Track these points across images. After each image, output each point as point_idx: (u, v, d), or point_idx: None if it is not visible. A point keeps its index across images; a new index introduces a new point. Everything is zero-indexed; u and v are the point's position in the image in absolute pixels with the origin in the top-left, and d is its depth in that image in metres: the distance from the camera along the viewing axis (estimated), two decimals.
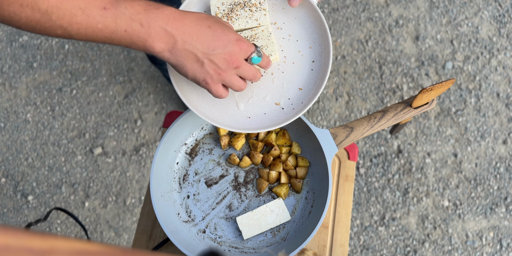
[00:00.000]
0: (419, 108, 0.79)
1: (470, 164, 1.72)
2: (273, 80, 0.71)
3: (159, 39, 0.54)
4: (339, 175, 0.87)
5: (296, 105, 0.70)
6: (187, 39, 0.55)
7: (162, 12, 0.54)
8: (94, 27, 0.52)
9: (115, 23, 0.52)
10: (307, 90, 0.71)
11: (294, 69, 0.71)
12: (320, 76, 0.70)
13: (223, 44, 0.57)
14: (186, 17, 0.56)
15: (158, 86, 1.82)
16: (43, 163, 1.74)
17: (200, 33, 0.56)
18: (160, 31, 0.54)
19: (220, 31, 0.57)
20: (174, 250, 0.79)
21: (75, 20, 0.51)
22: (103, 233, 1.66)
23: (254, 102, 0.71)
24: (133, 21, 0.53)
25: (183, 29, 0.55)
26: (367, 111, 1.77)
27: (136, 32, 0.53)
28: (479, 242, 1.64)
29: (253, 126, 0.70)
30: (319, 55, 0.71)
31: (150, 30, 0.53)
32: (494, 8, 1.91)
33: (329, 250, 0.81)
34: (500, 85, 1.81)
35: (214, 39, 0.57)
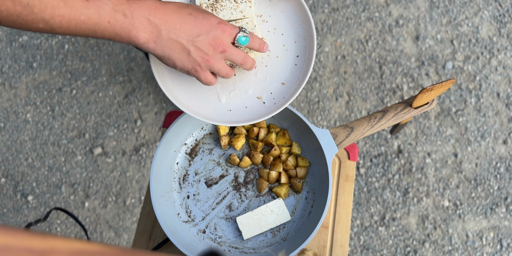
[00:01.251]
0: (419, 108, 0.79)
1: (470, 164, 1.72)
2: (256, 73, 0.71)
3: (143, 30, 0.54)
4: (339, 175, 0.87)
5: (278, 100, 0.70)
6: (171, 28, 0.55)
7: (144, 2, 0.54)
8: (77, 19, 0.51)
9: (98, 14, 0.52)
10: (289, 85, 0.70)
11: (278, 63, 0.70)
12: (303, 71, 0.69)
13: (206, 29, 0.57)
14: (167, 6, 0.56)
15: (158, 86, 1.82)
16: (43, 163, 1.74)
17: (182, 21, 0.56)
18: (143, 21, 0.54)
19: (202, 16, 0.58)
20: (174, 250, 0.79)
21: (57, 12, 0.50)
22: (103, 233, 1.66)
23: (236, 95, 0.71)
24: (116, 12, 0.52)
25: (165, 18, 0.55)
26: (367, 111, 1.77)
27: (120, 23, 0.53)
28: (479, 242, 1.64)
29: (233, 119, 0.70)
30: (304, 50, 0.70)
31: (133, 20, 0.53)
32: (494, 8, 1.91)
33: (329, 250, 0.81)
34: (500, 85, 1.81)
35: (196, 25, 0.57)
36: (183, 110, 0.68)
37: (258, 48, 0.65)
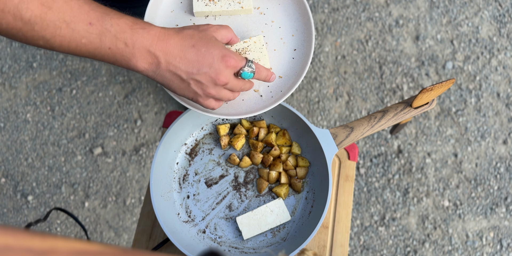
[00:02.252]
0: (419, 108, 0.79)
1: (470, 164, 1.72)
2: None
3: (142, 60, 0.53)
4: (339, 175, 0.87)
5: (275, 93, 0.70)
6: (170, 60, 0.54)
7: (148, 32, 0.53)
8: (77, 42, 0.51)
9: (99, 39, 0.51)
10: (287, 79, 0.70)
11: (275, 57, 0.70)
12: (301, 65, 0.69)
13: (208, 63, 0.55)
14: (170, 37, 0.54)
15: (158, 86, 1.82)
16: (43, 163, 1.74)
17: (183, 53, 0.54)
18: (144, 52, 0.53)
19: (205, 49, 0.55)
20: (174, 250, 0.79)
21: (58, 32, 0.49)
22: (103, 233, 1.66)
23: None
24: (118, 40, 0.51)
25: (167, 50, 0.54)
26: (367, 111, 1.77)
27: (120, 51, 0.52)
28: (479, 242, 1.64)
29: (230, 111, 0.69)
30: (301, 43, 0.70)
31: (134, 50, 0.52)
32: (494, 8, 1.91)
33: (329, 250, 0.81)
34: (500, 85, 1.81)
35: (198, 59, 0.55)
36: (180, 102, 0.68)
37: (264, 79, 0.64)
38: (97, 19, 0.50)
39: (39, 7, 0.47)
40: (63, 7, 0.48)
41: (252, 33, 0.70)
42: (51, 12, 0.48)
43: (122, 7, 0.92)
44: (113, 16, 0.52)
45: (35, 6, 0.47)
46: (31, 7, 0.47)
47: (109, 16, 0.51)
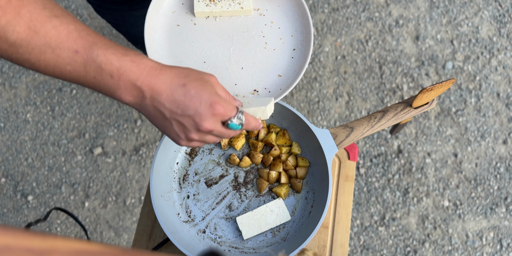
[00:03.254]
0: (419, 108, 0.79)
1: (470, 164, 1.72)
2: (255, 64, 0.71)
3: (127, 93, 0.51)
4: (339, 175, 0.87)
5: (274, 92, 0.71)
6: (155, 96, 0.51)
7: (137, 65, 0.50)
8: (62, 68, 0.49)
9: (84, 68, 0.49)
10: (286, 77, 0.71)
11: (275, 56, 0.71)
12: (300, 64, 0.71)
13: (194, 107, 0.52)
14: (162, 72, 0.52)
15: None
16: (43, 163, 1.74)
17: (171, 92, 0.51)
18: (129, 85, 0.50)
19: (194, 91, 0.52)
20: (174, 250, 0.79)
21: (43, 57, 0.48)
22: (103, 233, 1.66)
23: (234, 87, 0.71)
24: (103, 71, 0.49)
25: (154, 86, 0.51)
26: (367, 111, 1.77)
27: (105, 82, 0.50)
28: (479, 242, 1.64)
29: None
30: (301, 43, 0.72)
31: (119, 82, 0.50)
32: (494, 8, 1.91)
33: (329, 250, 0.81)
34: (500, 85, 1.81)
35: (184, 101, 0.52)
36: None
37: (251, 129, 0.62)
38: (84, 47, 0.49)
39: (25, 31, 0.46)
40: (50, 32, 0.47)
41: (252, 33, 0.71)
42: (37, 36, 0.47)
43: (123, 10, 0.92)
44: (102, 45, 0.49)
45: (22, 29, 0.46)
46: (17, 29, 0.46)
47: (97, 45, 0.49)
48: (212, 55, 0.71)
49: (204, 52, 0.71)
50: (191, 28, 0.71)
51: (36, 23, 0.47)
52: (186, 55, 0.70)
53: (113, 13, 0.94)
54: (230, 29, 0.71)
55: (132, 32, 1.04)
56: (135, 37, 1.09)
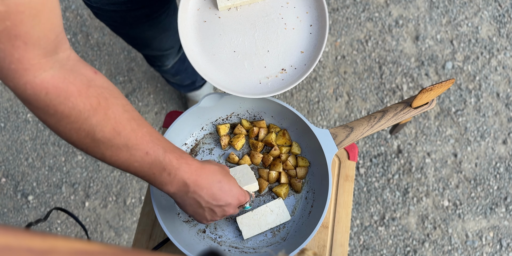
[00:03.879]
0: (419, 108, 0.79)
1: (470, 164, 1.72)
2: (278, 45, 0.76)
3: (177, 187, 0.61)
4: (339, 175, 0.87)
5: (300, 68, 0.76)
6: (197, 191, 0.62)
7: (189, 167, 0.60)
8: (130, 164, 0.57)
9: (149, 166, 0.57)
10: (308, 53, 0.76)
11: (295, 34, 0.76)
12: (319, 38, 0.76)
13: (226, 199, 0.65)
14: (204, 171, 0.62)
15: (158, 86, 1.82)
16: (43, 163, 1.74)
17: (210, 186, 0.63)
18: (180, 182, 0.60)
19: (228, 187, 0.65)
20: (174, 250, 0.79)
21: (118, 153, 0.55)
22: (103, 233, 1.66)
23: (263, 70, 0.76)
24: (164, 170, 0.58)
25: (198, 183, 0.61)
26: (367, 111, 1.78)
27: (162, 178, 0.59)
28: (479, 242, 1.64)
29: (264, 90, 0.75)
30: (316, 19, 0.77)
31: (174, 179, 0.60)
32: (494, 8, 1.91)
33: (329, 250, 0.81)
34: (500, 85, 1.82)
35: (220, 194, 0.64)
36: (223, 89, 0.74)
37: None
38: (153, 149, 0.57)
39: (110, 131, 0.53)
40: (129, 135, 0.55)
41: (271, 17, 0.76)
42: (119, 137, 0.54)
43: (122, 10, 0.92)
44: (167, 149, 0.59)
45: (107, 129, 0.53)
46: (104, 129, 0.53)
47: (163, 149, 0.58)
48: (240, 44, 0.76)
49: (232, 42, 0.76)
50: (216, 22, 0.76)
51: (119, 126, 0.54)
52: (217, 48, 0.76)
53: (112, 15, 0.94)
54: (251, 17, 0.76)
55: (132, 33, 1.04)
56: (135, 39, 1.09)
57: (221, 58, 0.76)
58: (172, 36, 1.13)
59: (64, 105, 0.50)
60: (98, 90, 0.53)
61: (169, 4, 0.99)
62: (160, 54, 1.22)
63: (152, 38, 1.08)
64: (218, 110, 0.84)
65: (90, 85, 0.52)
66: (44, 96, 0.49)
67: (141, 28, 1.01)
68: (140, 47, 1.16)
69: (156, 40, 1.11)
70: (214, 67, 0.76)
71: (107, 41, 1.88)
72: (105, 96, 0.53)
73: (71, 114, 0.51)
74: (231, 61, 0.76)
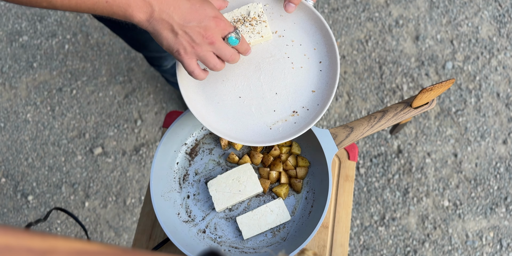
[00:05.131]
0: (419, 108, 0.79)
1: (470, 164, 1.72)
2: (286, 86, 0.72)
3: (138, 9, 0.56)
4: (339, 175, 0.87)
5: (313, 108, 0.71)
6: (164, 9, 0.57)
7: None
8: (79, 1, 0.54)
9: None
10: (320, 91, 0.71)
11: (303, 73, 0.71)
12: (331, 74, 0.71)
13: (199, 18, 0.58)
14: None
15: (158, 86, 1.82)
16: (43, 163, 1.74)
17: (177, 4, 0.57)
18: (139, 1, 0.55)
19: (199, 5, 0.59)
20: (174, 250, 0.79)
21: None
22: (103, 233, 1.66)
23: (272, 114, 0.72)
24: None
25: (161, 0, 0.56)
26: (367, 111, 1.78)
27: (117, 3, 0.55)
28: (479, 242, 1.64)
29: (276, 137, 0.71)
30: (325, 55, 0.71)
31: (129, 1, 0.55)
32: (494, 8, 1.91)
33: (329, 250, 0.81)
34: (500, 85, 1.82)
35: (190, 12, 0.58)
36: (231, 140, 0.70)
37: (243, 51, 0.66)
38: None
39: None
40: None
41: (277, 57, 0.72)
42: None
43: None
44: None
45: None
46: None
47: None
48: (245, 89, 0.72)
49: (237, 88, 0.72)
50: None
51: None
52: (221, 95, 0.72)
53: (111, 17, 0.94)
54: (255, 59, 0.72)
55: (129, 35, 1.04)
56: (133, 40, 1.09)
57: (226, 106, 0.72)
58: None
59: None
60: None
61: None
62: (158, 55, 1.22)
63: (150, 40, 1.08)
64: None
65: None
66: None
67: (138, 30, 1.01)
68: (138, 48, 1.16)
69: (153, 42, 1.10)
70: (219, 116, 0.72)
71: (107, 41, 1.88)
72: None
73: None
74: (237, 108, 0.72)
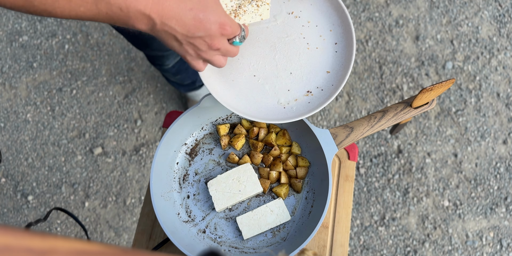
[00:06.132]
0: (419, 108, 0.79)
1: (470, 164, 1.72)
2: (301, 66, 0.73)
3: (138, 22, 0.55)
4: (339, 175, 0.87)
5: (327, 89, 0.72)
6: (166, 22, 0.55)
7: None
8: (77, 11, 0.53)
9: (95, 7, 0.53)
10: (335, 72, 0.72)
11: (319, 54, 0.72)
12: (346, 56, 0.72)
13: (204, 29, 0.56)
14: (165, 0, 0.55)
15: (158, 86, 1.82)
16: (43, 163, 1.74)
17: (179, 16, 0.55)
18: (138, 15, 0.54)
19: (202, 14, 0.56)
20: (174, 250, 0.79)
21: (57, 5, 0.52)
22: (103, 233, 1.66)
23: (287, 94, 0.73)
24: (112, 5, 0.53)
25: (162, 13, 0.54)
26: (367, 111, 1.77)
27: (117, 15, 0.54)
28: (479, 242, 1.64)
29: (289, 115, 0.72)
30: (341, 36, 0.72)
31: (129, 14, 0.53)
32: (494, 8, 1.91)
33: (329, 250, 0.81)
34: (500, 85, 1.81)
35: (194, 23, 0.55)
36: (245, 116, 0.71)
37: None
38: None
39: None
40: None
41: (292, 37, 0.72)
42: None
43: None
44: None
45: None
46: None
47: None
48: (260, 68, 0.72)
49: (251, 66, 0.73)
50: None
51: None
52: (236, 73, 0.73)
53: None
54: (271, 39, 0.72)
55: (132, 33, 1.04)
56: (136, 38, 1.09)
57: (240, 83, 0.73)
58: None
59: None
60: None
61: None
62: (160, 54, 1.22)
63: (152, 38, 1.08)
64: (218, 110, 0.84)
65: None
66: None
67: None
68: (140, 46, 1.16)
69: (156, 41, 1.10)
70: (234, 94, 0.73)
71: (107, 41, 1.88)
72: None
73: None
74: (251, 86, 0.72)
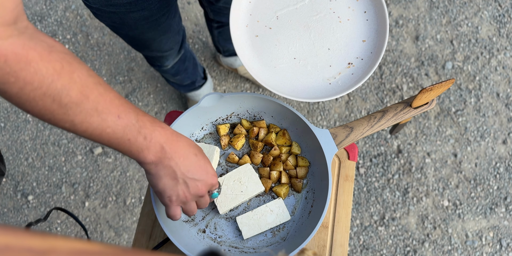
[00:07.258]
0: (419, 108, 0.79)
1: (470, 164, 1.72)
2: (337, 40, 0.74)
3: (153, 153, 0.59)
4: (339, 175, 0.87)
5: (367, 57, 0.73)
6: (174, 157, 0.60)
7: (164, 131, 0.60)
8: (103, 130, 0.55)
9: (123, 131, 0.56)
10: (370, 40, 0.74)
11: (351, 25, 0.74)
12: (379, 22, 0.73)
13: (202, 174, 0.63)
14: (179, 140, 0.62)
15: (158, 86, 1.82)
16: (43, 163, 1.74)
17: (187, 157, 0.62)
18: (157, 146, 0.59)
19: (203, 162, 0.64)
20: (174, 250, 0.79)
21: (88, 119, 0.53)
22: (103, 233, 1.66)
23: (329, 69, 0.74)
24: (139, 134, 0.57)
25: (176, 149, 0.60)
26: (367, 111, 1.78)
27: (138, 143, 0.58)
28: (479, 242, 1.64)
29: (337, 90, 0.73)
30: (369, 4, 0.74)
31: (150, 143, 0.58)
32: (494, 8, 1.91)
33: (329, 250, 0.82)
34: (500, 85, 1.82)
35: (195, 166, 0.63)
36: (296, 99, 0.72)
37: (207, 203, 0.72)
38: (125, 113, 0.56)
39: (78, 95, 0.51)
40: (98, 98, 0.53)
41: (323, 14, 0.73)
42: (88, 101, 0.52)
43: (121, 12, 0.92)
44: (139, 112, 0.58)
45: (74, 93, 0.51)
46: (71, 93, 0.50)
47: (135, 112, 0.57)
48: (298, 49, 0.74)
49: (290, 49, 0.74)
50: (269, 34, 0.74)
51: (87, 89, 0.52)
52: (276, 59, 0.74)
53: (111, 16, 0.94)
54: (302, 19, 0.74)
55: (131, 34, 1.04)
56: (134, 39, 1.09)
57: (283, 68, 0.73)
58: (171, 37, 1.13)
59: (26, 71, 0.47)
60: (60, 55, 0.50)
61: (169, 6, 0.99)
62: (160, 55, 1.22)
63: (152, 39, 1.08)
64: (218, 110, 0.84)
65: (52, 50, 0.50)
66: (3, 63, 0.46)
67: (140, 30, 1.01)
68: (139, 48, 1.16)
69: (155, 42, 1.10)
70: (279, 79, 0.73)
71: (107, 41, 1.88)
72: (68, 60, 0.51)
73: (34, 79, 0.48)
74: (294, 69, 0.73)
